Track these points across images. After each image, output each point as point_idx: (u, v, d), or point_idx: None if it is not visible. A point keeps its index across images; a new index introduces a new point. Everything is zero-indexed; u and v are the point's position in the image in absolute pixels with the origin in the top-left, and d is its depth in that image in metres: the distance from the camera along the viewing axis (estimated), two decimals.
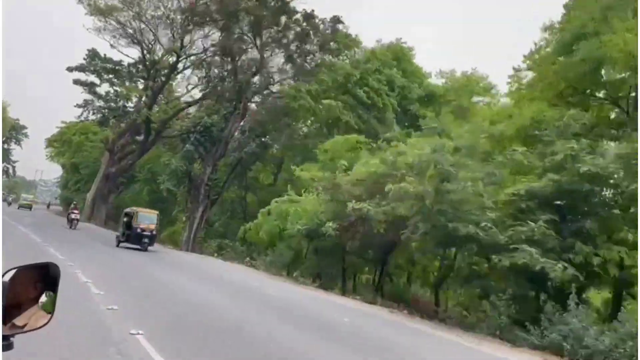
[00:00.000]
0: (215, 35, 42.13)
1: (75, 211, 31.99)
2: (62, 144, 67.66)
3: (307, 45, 32.51)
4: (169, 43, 46.91)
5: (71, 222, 31.02)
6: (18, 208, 55.21)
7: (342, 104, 28.11)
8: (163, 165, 50.52)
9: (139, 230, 22.77)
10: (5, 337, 1.63)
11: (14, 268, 1.72)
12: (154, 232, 23.62)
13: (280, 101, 29.17)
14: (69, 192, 78.13)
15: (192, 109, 42.99)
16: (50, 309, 1.81)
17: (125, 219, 23.95)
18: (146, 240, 22.89)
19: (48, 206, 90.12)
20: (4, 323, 1.63)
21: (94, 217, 47.07)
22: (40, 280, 1.81)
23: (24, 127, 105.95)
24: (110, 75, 56.06)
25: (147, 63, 46.84)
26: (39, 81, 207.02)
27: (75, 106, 57.11)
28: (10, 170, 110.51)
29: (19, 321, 1.69)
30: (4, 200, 63.05)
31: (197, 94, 48.14)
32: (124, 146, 48.62)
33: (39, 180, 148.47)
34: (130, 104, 55.48)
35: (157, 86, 44.94)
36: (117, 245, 23.50)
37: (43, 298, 1.80)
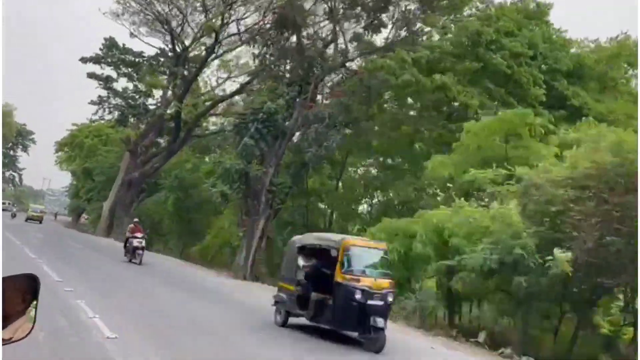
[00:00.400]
0: (250, 20, 35.18)
1: (139, 235, 20.12)
2: (72, 148, 60.61)
3: (385, 14, 25.35)
4: (198, 27, 39.90)
5: (133, 254, 19.73)
6: (26, 220, 47.83)
7: (454, 77, 20.64)
8: (192, 170, 43.56)
9: (358, 295, 9.03)
10: None
11: None
12: (390, 300, 9.62)
13: (372, 78, 21.75)
14: (79, 202, 71.05)
15: (234, 99, 35.83)
16: (32, 319, 1.75)
17: (303, 263, 10.74)
18: (379, 322, 8.98)
19: (55, 216, 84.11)
20: None
21: (113, 231, 39.71)
22: (28, 291, 1.75)
23: (31, 133, 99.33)
24: (129, 69, 49.26)
25: (176, 49, 39.69)
26: (42, 81, 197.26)
27: (89, 103, 49.97)
28: (17, 179, 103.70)
29: (5, 334, 1.62)
30: (6, 210, 56.18)
31: (231, 86, 41.08)
32: (147, 147, 41.39)
33: (47, 190, 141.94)
34: (151, 101, 48.51)
35: (190, 75, 37.74)
36: (283, 323, 10.36)
37: (29, 309, 1.75)
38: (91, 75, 49.00)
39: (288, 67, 27.84)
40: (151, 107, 47.99)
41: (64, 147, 61.51)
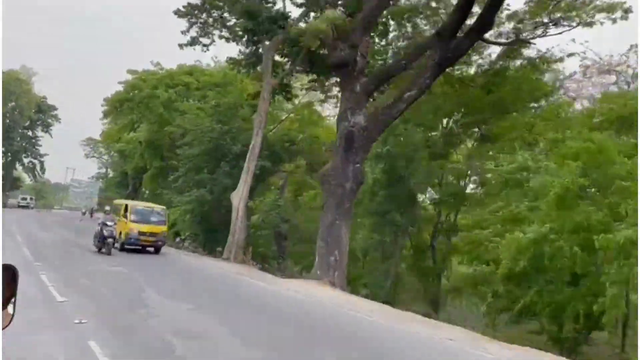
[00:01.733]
0: None
1: None
2: (134, 106, 37.01)
3: None
4: None
5: None
6: (123, 249, 22.40)
7: None
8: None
9: None
10: None
11: None
12: None
13: None
14: (120, 193, 48.09)
15: None
16: (12, 310, 1.80)
17: None
18: None
19: (91, 214, 53.55)
20: None
21: (324, 265, 15.69)
22: (9, 283, 1.78)
23: (53, 108, 75.38)
24: None
25: None
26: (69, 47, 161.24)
27: (174, 12, 26.62)
28: (38, 168, 79.40)
29: None
30: (26, 207, 33.33)
31: None
32: (366, 59, 17.38)
33: (72, 181, 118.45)
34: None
35: None
36: None
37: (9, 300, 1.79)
38: None
39: None
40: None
41: (120, 105, 37.57)
